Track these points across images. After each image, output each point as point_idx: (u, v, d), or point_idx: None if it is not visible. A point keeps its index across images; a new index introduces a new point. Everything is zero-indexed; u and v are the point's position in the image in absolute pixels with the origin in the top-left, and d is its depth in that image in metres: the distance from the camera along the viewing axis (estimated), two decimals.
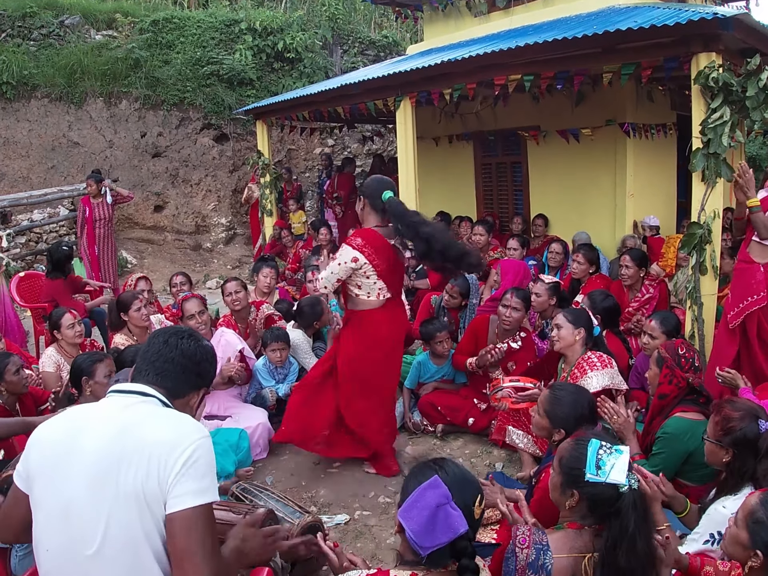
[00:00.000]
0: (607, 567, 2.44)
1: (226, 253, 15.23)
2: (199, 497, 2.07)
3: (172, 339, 2.43)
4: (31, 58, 14.56)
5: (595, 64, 7.06)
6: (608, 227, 9.35)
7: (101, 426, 2.17)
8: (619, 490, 2.51)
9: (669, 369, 4.11)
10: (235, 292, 6.46)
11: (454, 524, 2.20)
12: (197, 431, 2.17)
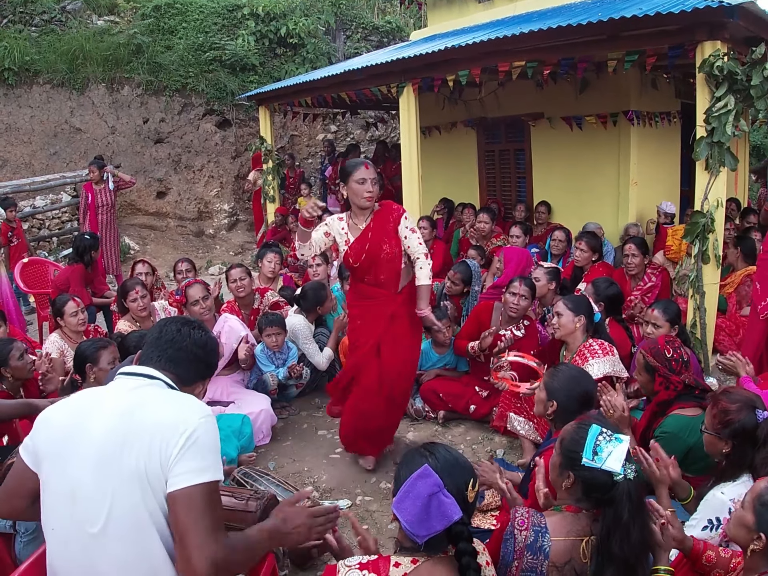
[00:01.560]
0: (601, 557, 2.46)
1: (228, 239, 15.23)
2: (200, 475, 2.07)
3: (185, 329, 2.47)
4: (33, 43, 14.53)
5: (600, 52, 7.04)
6: (611, 215, 9.34)
7: (108, 408, 2.19)
8: (613, 478, 2.52)
9: (663, 377, 4.04)
10: (240, 279, 6.47)
11: (448, 512, 2.20)
12: (200, 411, 2.19)
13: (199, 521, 2.04)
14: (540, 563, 2.49)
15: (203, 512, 2.06)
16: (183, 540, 2.04)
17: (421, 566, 2.25)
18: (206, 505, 2.07)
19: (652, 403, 4.17)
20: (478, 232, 8.99)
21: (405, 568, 2.24)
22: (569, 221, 9.25)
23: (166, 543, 2.12)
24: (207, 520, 2.06)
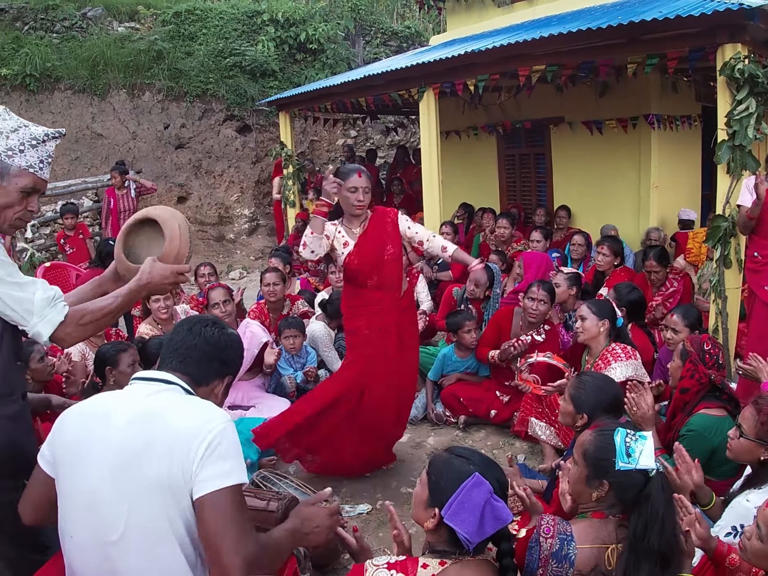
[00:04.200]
0: (637, 554, 2.44)
1: (249, 244, 15.27)
2: (225, 480, 2.07)
3: (196, 327, 2.45)
4: (54, 50, 14.67)
5: (620, 55, 7.01)
6: (632, 219, 9.30)
7: (125, 414, 2.19)
8: (647, 474, 2.52)
9: (692, 364, 4.07)
10: (273, 284, 6.58)
11: (502, 516, 2.22)
12: (219, 417, 2.18)
13: (229, 525, 2.04)
14: (565, 571, 2.48)
15: (233, 516, 2.06)
16: (215, 544, 2.04)
17: (449, 568, 2.24)
18: (235, 508, 2.08)
19: (676, 393, 4.18)
20: (498, 238, 8.96)
21: (433, 570, 2.24)
22: (590, 226, 9.21)
23: (185, 550, 2.12)
24: (237, 523, 2.06)
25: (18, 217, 2.59)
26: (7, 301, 2.40)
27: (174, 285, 2.85)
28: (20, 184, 2.53)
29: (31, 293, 2.45)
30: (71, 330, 2.53)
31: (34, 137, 2.56)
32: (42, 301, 2.46)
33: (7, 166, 2.49)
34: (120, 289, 2.71)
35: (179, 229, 2.85)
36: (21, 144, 2.52)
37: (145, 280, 2.70)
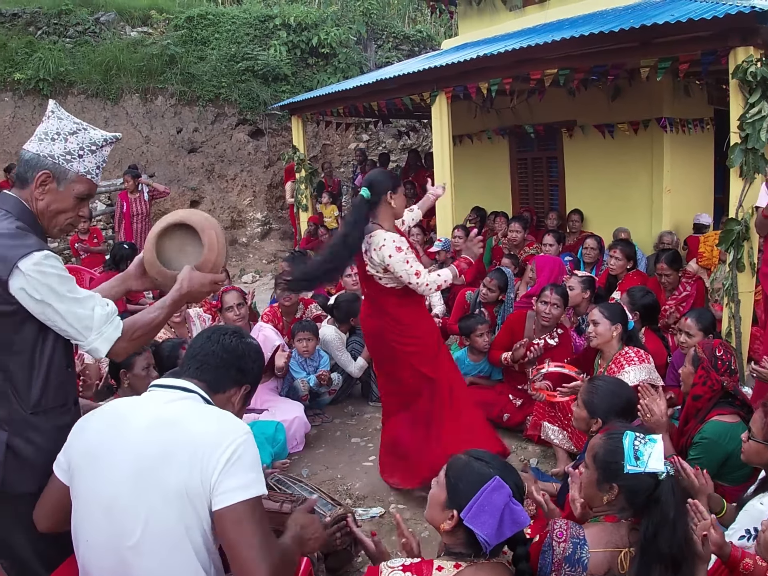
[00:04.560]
0: (648, 558, 2.44)
1: (261, 247, 15.30)
2: (246, 492, 2.08)
3: (215, 335, 2.48)
4: (67, 55, 14.74)
5: (632, 59, 7.02)
6: (645, 223, 9.28)
7: (144, 420, 2.19)
8: (658, 478, 2.52)
9: (704, 370, 4.05)
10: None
11: (519, 519, 2.24)
12: (239, 429, 2.19)
13: (251, 537, 2.05)
14: (578, 575, 2.48)
15: (255, 527, 2.07)
16: (240, 556, 2.05)
17: (464, 571, 2.25)
18: (256, 520, 2.09)
19: (689, 399, 4.16)
20: (510, 242, 8.96)
21: (448, 572, 2.25)
22: (602, 229, 9.19)
23: (200, 558, 2.13)
24: (259, 533, 2.07)
25: (69, 222, 2.59)
26: (67, 317, 2.37)
27: (210, 293, 2.87)
28: (77, 190, 2.52)
29: (90, 309, 2.42)
30: (125, 344, 2.52)
31: (93, 142, 2.55)
32: (101, 318, 2.44)
33: (65, 171, 2.48)
34: (163, 300, 2.71)
35: (216, 238, 2.86)
36: (80, 149, 2.50)
37: (185, 288, 2.71)
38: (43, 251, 2.33)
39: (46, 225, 2.54)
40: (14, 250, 2.29)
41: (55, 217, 2.53)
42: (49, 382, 2.45)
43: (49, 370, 2.45)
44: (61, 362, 2.52)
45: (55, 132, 2.49)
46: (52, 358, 2.46)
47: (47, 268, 2.32)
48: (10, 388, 2.38)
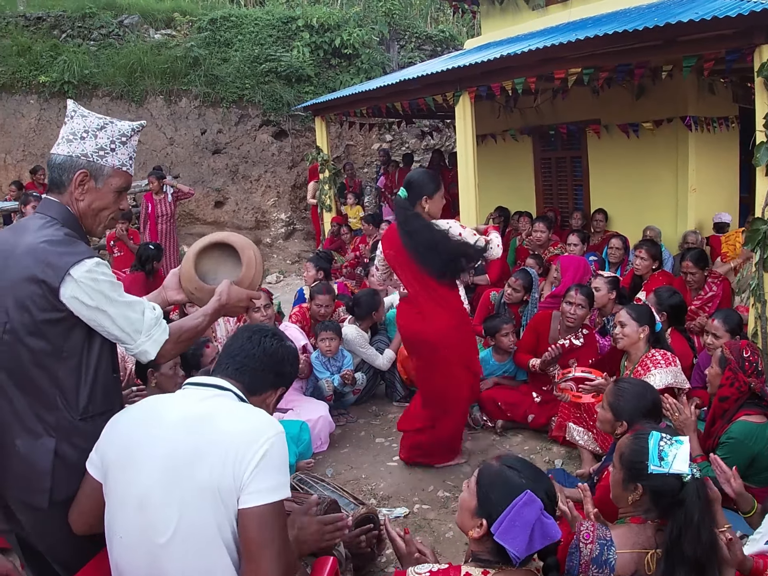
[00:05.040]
0: (672, 560, 2.43)
1: (285, 248, 15.36)
2: (274, 494, 2.10)
3: (256, 336, 2.49)
4: (92, 57, 14.89)
5: (656, 57, 6.97)
6: (670, 223, 9.23)
7: (178, 418, 2.21)
8: (682, 480, 2.50)
9: (732, 372, 4.02)
10: (326, 307, 6.69)
11: (551, 533, 2.21)
12: (273, 427, 2.20)
13: (273, 538, 2.08)
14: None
15: (277, 530, 2.10)
16: (256, 555, 2.07)
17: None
18: (278, 523, 2.11)
19: (715, 400, 4.13)
20: (534, 242, 8.93)
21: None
22: (627, 229, 9.16)
23: (232, 555, 2.14)
24: (280, 537, 2.10)
25: (111, 218, 2.60)
26: (119, 321, 2.39)
27: (245, 309, 2.92)
28: (115, 184, 2.52)
29: (140, 312, 2.44)
30: (170, 347, 2.54)
31: (123, 134, 2.54)
32: (151, 321, 2.47)
33: (101, 167, 2.48)
34: (205, 308, 2.75)
35: (255, 258, 2.94)
36: (112, 142, 2.50)
37: (224, 300, 2.75)
38: (94, 259, 2.35)
39: (89, 225, 2.55)
40: (65, 257, 2.30)
41: (97, 215, 2.54)
42: (96, 388, 2.46)
43: (96, 377, 2.46)
44: (108, 368, 2.53)
45: (83, 131, 2.48)
46: (99, 365, 2.47)
47: (99, 275, 2.34)
48: (58, 394, 2.38)
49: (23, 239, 2.38)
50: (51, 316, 2.32)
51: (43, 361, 2.35)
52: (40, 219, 2.46)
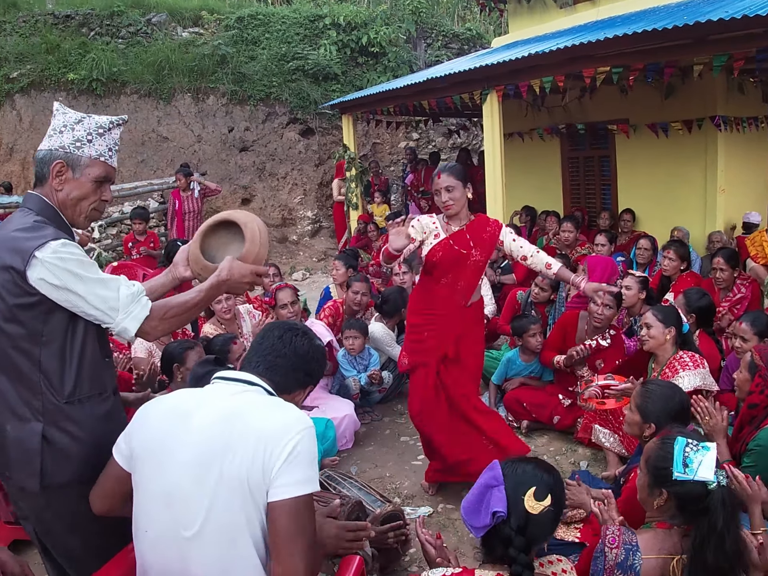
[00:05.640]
0: (696, 567, 2.41)
1: (311, 245, 15.39)
2: (303, 487, 2.10)
3: (287, 335, 2.48)
4: (120, 55, 15.05)
5: (686, 56, 6.92)
6: (698, 223, 9.13)
7: (207, 412, 2.22)
8: (707, 487, 2.47)
9: (762, 379, 3.93)
10: (362, 294, 6.75)
11: (496, 505, 2.21)
12: (302, 421, 2.20)
13: (300, 531, 2.08)
14: None
15: (305, 523, 2.10)
16: (284, 547, 2.07)
17: None
18: (307, 516, 2.12)
19: (744, 407, 4.07)
20: (562, 242, 8.89)
21: None
22: (654, 229, 9.09)
23: (259, 549, 2.14)
24: (307, 530, 2.10)
25: (93, 208, 2.63)
26: (91, 300, 2.41)
27: (251, 285, 2.88)
28: (93, 174, 2.56)
29: (115, 290, 2.46)
30: (156, 324, 2.55)
31: (99, 126, 2.59)
32: (127, 297, 2.47)
33: (78, 157, 2.53)
34: (201, 285, 2.74)
35: (259, 232, 2.89)
36: (88, 134, 2.55)
37: (224, 276, 2.72)
38: (59, 240, 2.38)
39: (71, 215, 2.59)
40: (30, 241, 2.35)
41: (77, 204, 2.58)
42: (82, 371, 2.49)
43: (81, 360, 2.49)
44: (95, 351, 2.55)
45: (61, 125, 2.56)
46: (84, 348, 2.50)
47: (65, 254, 2.36)
48: (42, 379, 2.42)
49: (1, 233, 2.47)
50: (23, 300, 2.37)
51: (21, 346, 2.41)
52: (20, 212, 2.56)
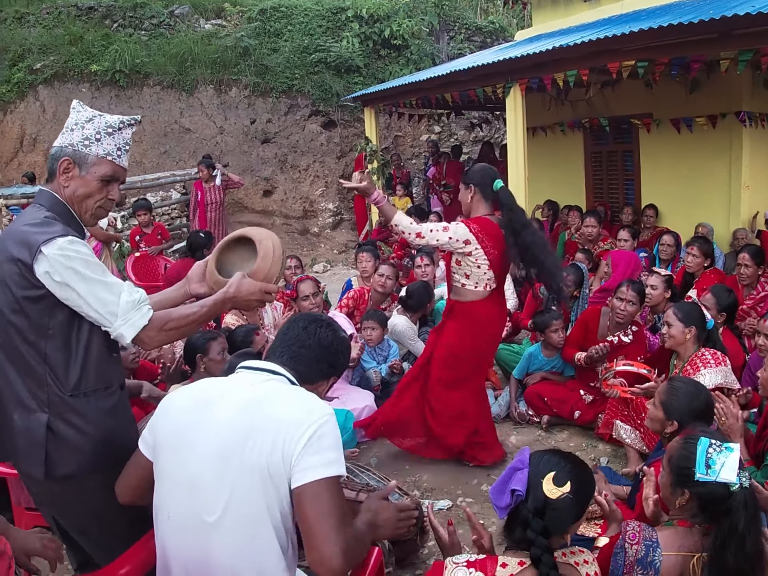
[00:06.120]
0: (716, 567, 2.40)
1: (332, 237, 15.42)
2: (325, 470, 2.10)
3: (312, 326, 2.50)
4: (143, 47, 15.13)
5: (711, 51, 6.85)
6: (722, 220, 9.04)
7: (231, 400, 2.24)
8: (729, 489, 2.46)
9: None
10: (387, 277, 6.80)
11: (515, 485, 2.27)
12: (323, 409, 2.21)
13: (328, 515, 2.07)
14: None
15: (332, 505, 2.09)
16: (315, 532, 2.07)
17: (527, 569, 2.25)
18: (334, 499, 2.11)
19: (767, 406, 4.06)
20: (584, 236, 8.85)
21: (512, 569, 2.25)
22: (678, 225, 9.02)
23: (279, 536, 2.15)
24: (337, 512, 2.09)
25: (99, 206, 2.65)
26: (91, 301, 2.43)
27: (260, 303, 2.89)
28: (99, 172, 2.59)
29: (117, 295, 2.47)
30: (154, 334, 2.56)
31: (109, 125, 2.63)
32: (127, 304, 2.48)
33: (85, 155, 2.56)
34: (206, 300, 2.76)
35: (272, 249, 2.90)
36: (97, 133, 2.59)
37: (232, 293, 2.74)
38: (67, 236, 2.41)
39: (78, 212, 2.63)
40: (37, 236, 2.39)
41: (83, 202, 2.60)
42: (87, 365, 2.52)
43: (87, 354, 2.52)
44: (101, 347, 2.57)
45: (73, 123, 2.61)
46: (90, 342, 2.53)
47: (70, 252, 2.39)
48: (47, 371, 2.46)
49: (11, 225, 2.55)
50: (30, 293, 2.41)
51: (28, 338, 2.45)
52: (32, 207, 2.60)
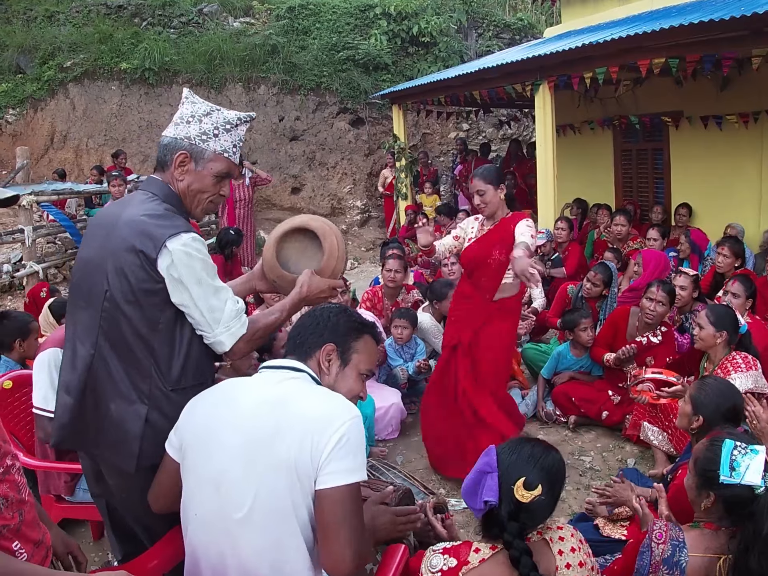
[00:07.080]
0: (740, 570, 2.38)
1: (360, 235, 15.45)
2: (351, 476, 2.11)
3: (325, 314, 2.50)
4: (172, 45, 15.25)
5: (742, 48, 6.79)
6: (753, 220, 8.94)
7: (255, 398, 2.25)
8: (754, 492, 2.44)
9: None
10: (395, 271, 6.71)
11: (486, 494, 2.27)
12: (350, 410, 2.21)
13: (347, 519, 2.09)
14: None
15: (352, 511, 2.11)
16: (332, 535, 2.09)
17: (499, 553, 2.27)
18: (355, 504, 2.13)
19: None
20: (613, 235, 8.79)
21: (483, 554, 2.28)
22: (708, 225, 8.95)
23: (305, 534, 2.16)
24: (355, 518, 2.12)
25: (210, 201, 2.66)
26: (200, 305, 2.43)
27: (327, 299, 2.89)
28: (215, 169, 2.59)
29: (223, 302, 2.48)
30: (243, 345, 2.57)
31: (227, 121, 2.62)
32: (231, 313, 2.50)
33: (202, 150, 2.56)
34: (283, 303, 2.76)
35: (337, 246, 2.90)
36: (215, 128, 2.58)
37: (305, 293, 2.76)
38: (191, 233, 2.42)
39: (188, 206, 2.63)
40: (163, 229, 2.38)
41: (195, 196, 2.61)
42: (189, 360, 2.52)
43: (189, 351, 2.52)
44: (201, 343, 2.56)
45: (189, 115, 2.59)
46: (192, 339, 2.53)
47: (193, 250, 2.40)
48: (153, 364, 2.46)
49: (125, 212, 2.49)
50: (148, 286, 2.40)
51: (140, 331, 2.44)
52: (143, 195, 2.57)
